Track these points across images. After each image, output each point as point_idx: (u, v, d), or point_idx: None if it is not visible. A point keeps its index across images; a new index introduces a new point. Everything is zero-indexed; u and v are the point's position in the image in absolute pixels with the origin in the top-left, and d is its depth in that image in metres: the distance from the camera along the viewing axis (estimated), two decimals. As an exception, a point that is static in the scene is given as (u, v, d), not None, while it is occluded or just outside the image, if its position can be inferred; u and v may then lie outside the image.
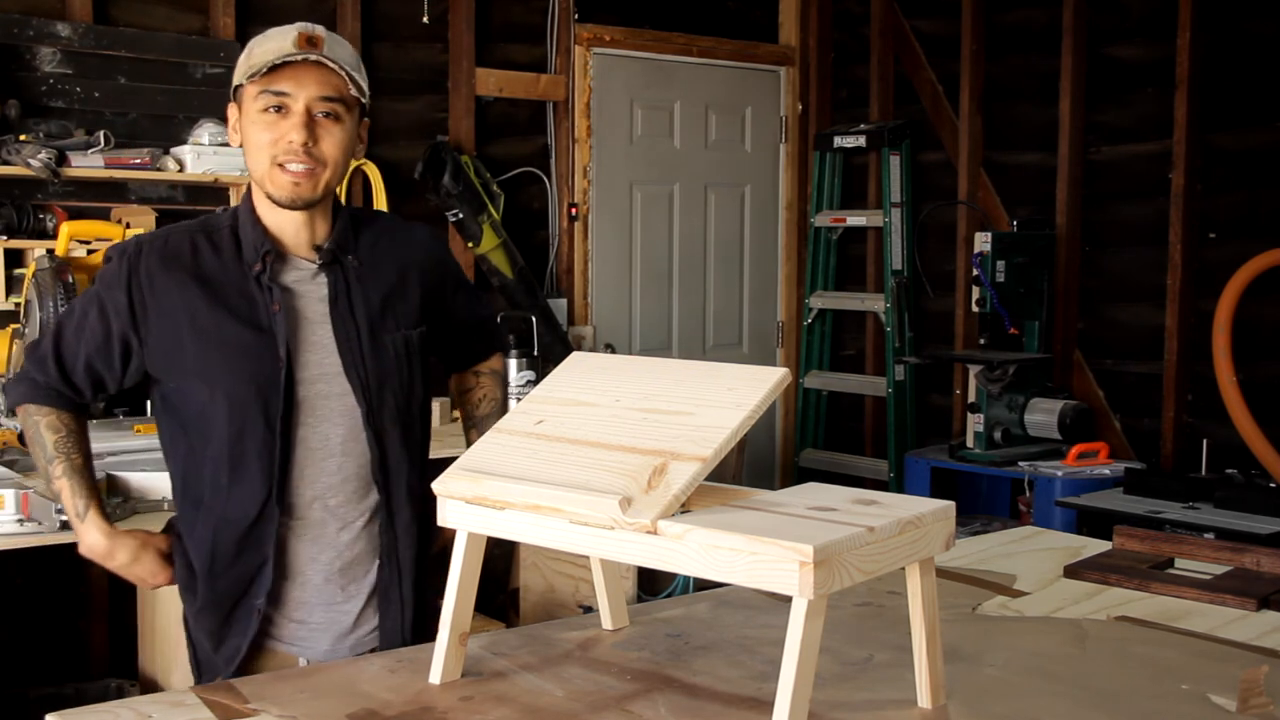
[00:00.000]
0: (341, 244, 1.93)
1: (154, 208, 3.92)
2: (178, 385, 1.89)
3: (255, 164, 1.87)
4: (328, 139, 1.86)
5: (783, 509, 1.43)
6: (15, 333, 3.26)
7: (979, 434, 4.58)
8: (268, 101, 1.84)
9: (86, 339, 1.90)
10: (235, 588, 1.89)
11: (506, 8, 4.93)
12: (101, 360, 1.90)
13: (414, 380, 1.96)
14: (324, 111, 1.85)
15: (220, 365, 1.85)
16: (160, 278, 1.87)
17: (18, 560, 3.61)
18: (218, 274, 1.88)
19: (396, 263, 1.98)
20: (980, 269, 4.64)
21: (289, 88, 1.83)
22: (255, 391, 1.84)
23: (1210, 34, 4.43)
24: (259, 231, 1.90)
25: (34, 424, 1.94)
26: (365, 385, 1.90)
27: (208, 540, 1.89)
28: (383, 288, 1.95)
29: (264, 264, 1.87)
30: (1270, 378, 4.30)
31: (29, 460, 3.31)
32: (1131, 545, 2.28)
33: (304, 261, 1.92)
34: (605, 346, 5.17)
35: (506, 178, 4.90)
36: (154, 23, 4.13)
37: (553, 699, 1.54)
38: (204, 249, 1.90)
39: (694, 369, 1.61)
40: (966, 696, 1.55)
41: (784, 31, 5.71)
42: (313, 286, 1.91)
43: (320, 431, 1.89)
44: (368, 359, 1.91)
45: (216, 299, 1.86)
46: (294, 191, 1.86)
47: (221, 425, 1.85)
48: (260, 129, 1.85)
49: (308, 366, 1.88)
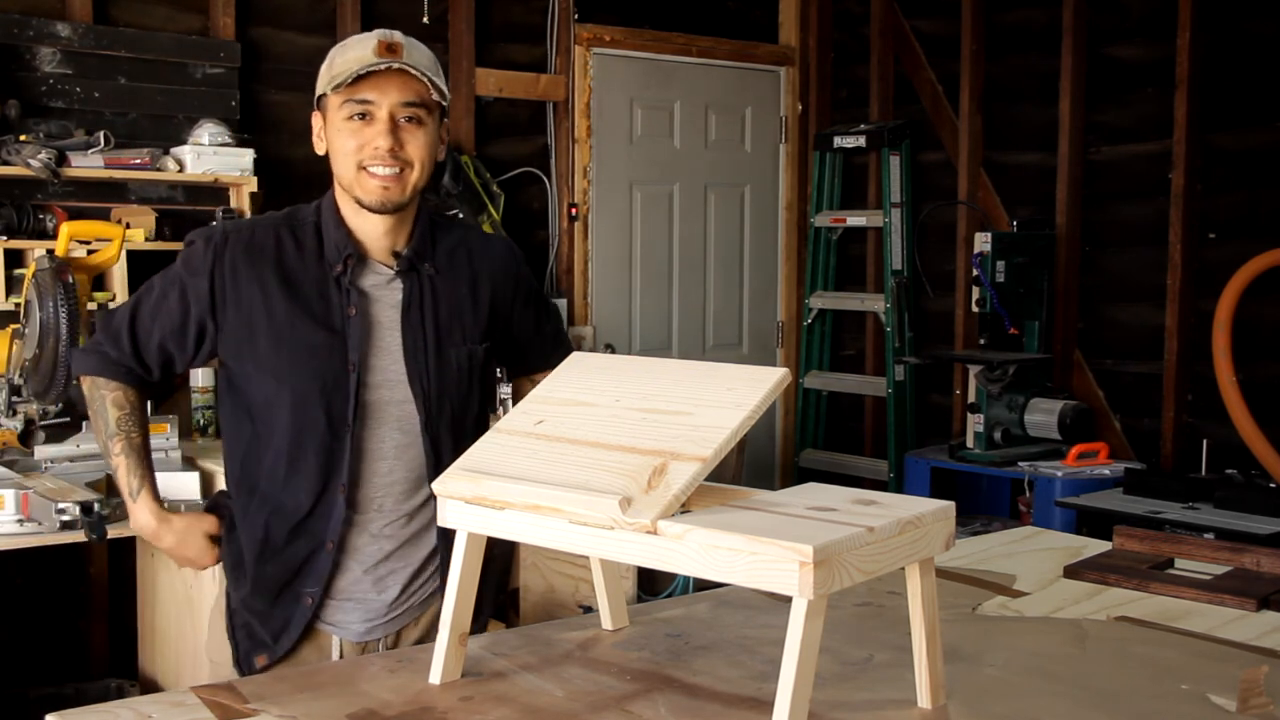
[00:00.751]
0: (420, 252, 1.98)
1: (154, 208, 3.92)
2: (247, 374, 1.94)
3: (343, 170, 1.93)
4: (412, 142, 1.92)
5: (782, 509, 1.43)
6: (15, 333, 3.26)
7: (979, 434, 4.58)
8: (352, 110, 1.90)
9: (163, 319, 1.96)
10: (284, 574, 1.96)
11: (506, 8, 4.93)
12: (175, 342, 1.96)
13: (472, 393, 2.01)
14: (407, 116, 1.91)
15: (289, 362, 1.91)
16: (244, 269, 1.93)
17: (18, 560, 3.61)
18: (298, 271, 1.94)
19: (470, 274, 2.03)
20: (980, 269, 4.64)
21: (372, 95, 1.89)
22: (320, 391, 1.91)
23: (1210, 34, 4.43)
24: (343, 233, 1.95)
25: (100, 397, 1.98)
26: (426, 395, 1.95)
27: (260, 527, 1.95)
28: (453, 298, 2.00)
29: (345, 266, 1.93)
30: (1270, 378, 4.30)
31: (29, 460, 3.32)
32: (1131, 545, 2.28)
33: (382, 266, 1.97)
34: (605, 346, 5.17)
35: (506, 178, 4.90)
36: (154, 23, 4.13)
37: (553, 699, 1.54)
38: (288, 244, 1.96)
39: (694, 369, 1.61)
40: (966, 696, 1.55)
41: (784, 31, 5.71)
42: (388, 292, 1.97)
43: (378, 435, 1.95)
44: (432, 369, 1.96)
45: (294, 296, 1.92)
46: (383, 195, 1.91)
47: (284, 420, 1.91)
48: (346, 136, 1.91)
49: (374, 371, 1.94)
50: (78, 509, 2.88)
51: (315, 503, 1.93)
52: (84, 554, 3.91)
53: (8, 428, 3.33)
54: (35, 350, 3.10)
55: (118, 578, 3.96)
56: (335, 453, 1.92)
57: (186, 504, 3.19)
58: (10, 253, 3.57)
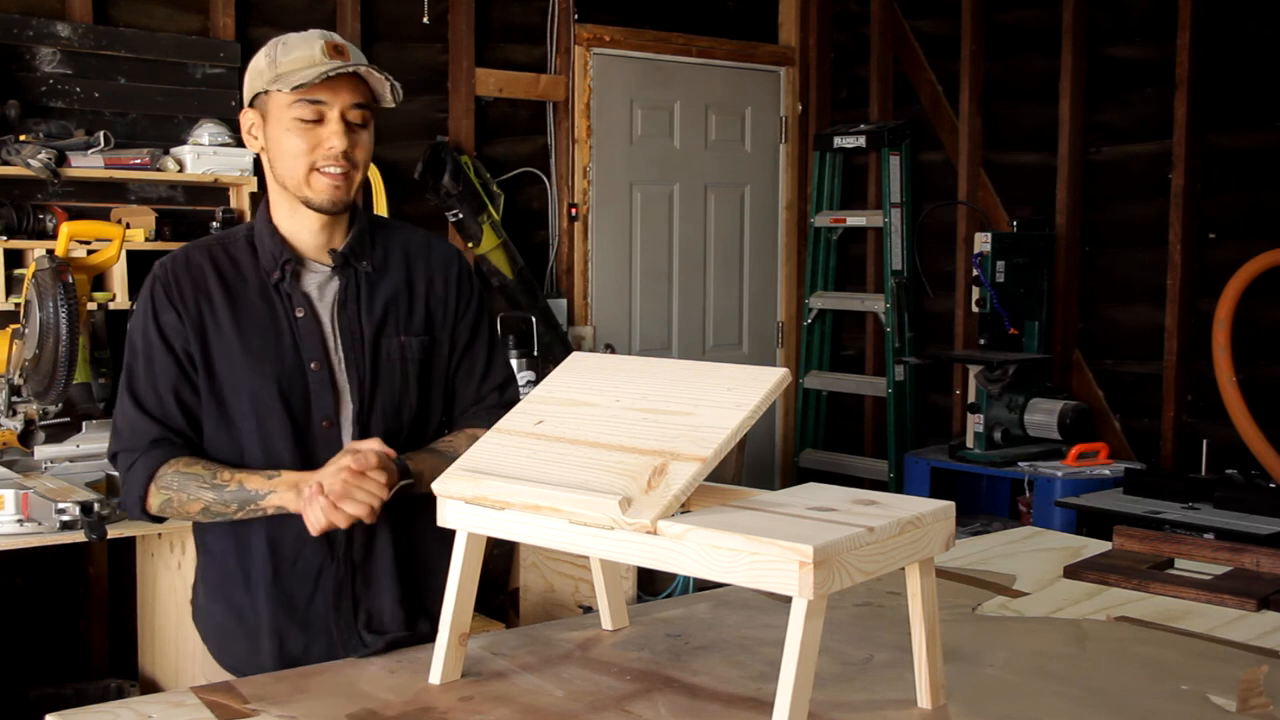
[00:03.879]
0: (356, 249, 1.98)
1: (154, 208, 3.92)
2: (211, 392, 1.92)
3: (290, 170, 1.91)
4: (360, 144, 1.93)
5: (782, 509, 1.43)
6: (15, 333, 3.26)
7: (979, 434, 4.58)
8: (305, 111, 1.88)
9: (163, 379, 1.91)
10: (306, 584, 1.94)
11: (506, 8, 4.93)
12: (186, 387, 1.93)
13: (408, 387, 1.99)
14: (357, 119, 1.92)
15: (245, 372, 1.90)
16: (188, 290, 1.93)
17: (18, 560, 3.61)
18: (237, 284, 1.94)
19: (406, 270, 2.03)
20: (980, 269, 4.64)
21: (325, 96, 1.88)
22: (279, 395, 1.90)
23: (1210, 34, 4.43)
24: (277, 241, 1.95)
25: (172, 480, 1.89)
26: (361, 385, 1.94)
27: (262, 535, 1.92)
28: (388, 293, 1.99)
29: (283, 272, 1.94)
30: (1270, 378, 4.30)
31: (29, 460, 3.32)
32: (1131, 545, 2.28)
33: (319, 265, 1.97)
34: (605, 346, 5.17)
35: (506, 178, 4.90)
36: (154, 23, 4.13)
37: (552, 699, 1.54)
38: (223, 261, 1.96)
39: (693, 369, 1.61)
40: (966, 696, 1.55)
41: (784, 31, 5.71)
42: (328, 290, 1.97)
43: (334, 430, 1.94)
44: (368, 361, 1.95)
45: (237, 308, 1.92)
46: (334, 195, 1.92)
47: (251, 427, 1.91)
48: (296, 136, 1.89)
49: (325, 369, 1.93)
50: (78, 509, 2.88)
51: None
52: (84, 554, 3.91)
53: (8, 428, 3.33)
54: (35, 350, 3.10)
55: (118, 578, 3.96)
56: (310, 450, 1.91)
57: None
58: (10, 253, 3.57)
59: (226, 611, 1.97)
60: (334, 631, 1.94)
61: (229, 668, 1.98)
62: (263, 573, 1.93)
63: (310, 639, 1.94)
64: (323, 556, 1.93)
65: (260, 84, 1.91)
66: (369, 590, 1.96)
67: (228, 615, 1.97)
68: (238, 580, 1.95)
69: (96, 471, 3.22)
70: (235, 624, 1.97)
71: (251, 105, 1.95)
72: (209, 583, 2.01)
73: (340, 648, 1.92)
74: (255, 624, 1.94)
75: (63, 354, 3.03)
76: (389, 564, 1.96)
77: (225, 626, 1.99)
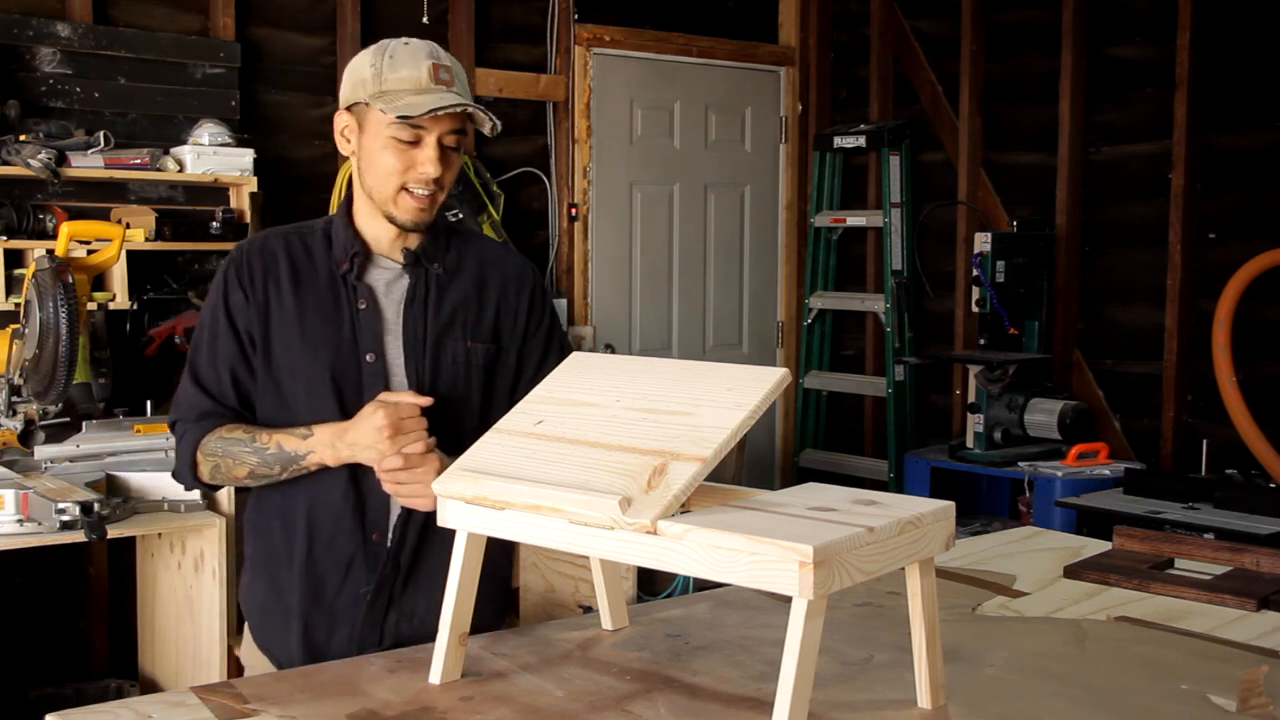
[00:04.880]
0: (429, 250, 2.01)
1: (154, 208, 3.92)
2: (268, 373, 1.97)
3: (380, 185, 1.94)
4: (450, 168, 1.95)
5: (782, 509, 1.43)
6: (15, 333, 3.26)
7: (979, 434, 4.58)
8: (405, 133, 1.90)
9: (222, 357, 1.97)
10: (338, 571, 1.97)
11: (506, 8, 4.93)
12: (243, 367, 1.97)
13: (469, 392, 2.00)
14: (452, 144, 1.94)
15: (302, 357, 1.94)
16: (259, 273, 1.97)
17: (18, 560, 3.61)
18: (307, 271, 1.98)
19: (478, 277, 2.05)
20: (980, 269, 4.64)
21: (425, 122, 1.90)
22: (332, 383, 1.93)
23: (1210, 34, 4.43)
24: (350, 234, 1.99)
25: (216, 447, 1.94)
26: (420, 383, 1.96)
27: (304, 516, 1.96)
28: (458, 297, 2.02)
29: (351, 264, 1.97)
30: (1270, 378, 4.30)
31: (29, 460, 3.32)
32: (1131, 545, 2.28)
33: (389, 262, 2.00)
34: (605, 346, 5.17)
35: (506, 178, 4.90)
36: (154, 23, 4.13)
37: (553, 699, 1.54)
38: (297, 249, 2.00)
39: (693, 369, 1.61)
40: (966, 696, 1.55)
41: (784, 31, 5.71)
42: (395, 286, 2.00)
43: None
44: (428, 361, 1.97)
45: (303, 295, 1.96)
46: (418, 217, 1.95)
47: (306, 414, 1.93)
48: (392, 154, 1.91)
49: (380, 362, 1.96)
50: (78, 509, 2.88)
51: (344, 490, 1.94)
52: (84, 554, 3.91)
53: (8, 428, 3.33)
54: (35, 350, 3.10)
55: (118, 578, 3.96)
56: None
57: (187, 504, 3.20)
58: (10, 253, 3.57)
59: (268, 589, 2.01)
60: (357, 624, 1.96)
61: (262, 647, 2.02)
62: (301, 554, 1.96)
63: (334, 627, 1.97)
64: (355, 546, 1.96)
65: (362, 94, 1.92)
66: (406, 593, 1.98)
67: (268, 593, 2.01)
68: (281, 559, 1.99)
69: (96, 471, 3.22)
70: (275, 602, 2.00)
71: (348, 109, 1.96)
72: (255, 559, 2.05)
73: (361, 642, 1.94)
74: (289, 604, 1.98)
75: (63, 354, 3.03)
76: (435, 573, 1.95)
77: (265, 605, 2.02)
